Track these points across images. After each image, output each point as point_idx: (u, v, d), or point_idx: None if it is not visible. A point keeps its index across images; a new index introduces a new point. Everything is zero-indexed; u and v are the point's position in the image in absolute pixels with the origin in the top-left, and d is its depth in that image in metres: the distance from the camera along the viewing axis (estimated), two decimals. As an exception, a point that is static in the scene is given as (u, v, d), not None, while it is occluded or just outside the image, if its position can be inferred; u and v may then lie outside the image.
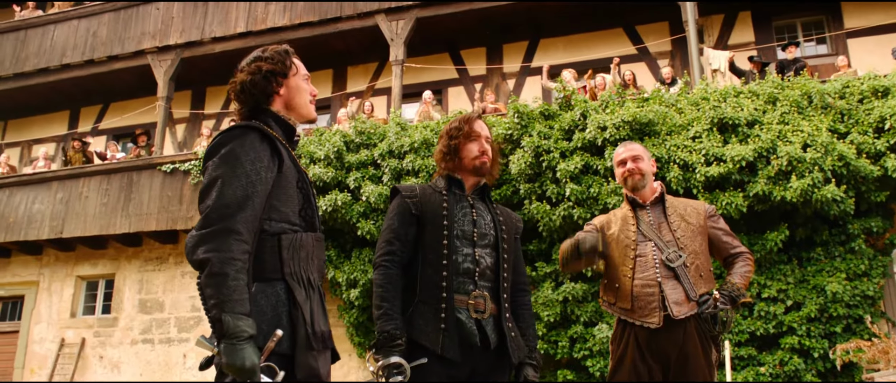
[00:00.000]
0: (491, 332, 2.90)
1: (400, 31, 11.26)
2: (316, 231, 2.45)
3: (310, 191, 2.46)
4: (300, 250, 2.32)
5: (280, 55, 2.52)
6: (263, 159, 2.25)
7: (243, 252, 2.12)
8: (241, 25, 12.39)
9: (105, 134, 14.83)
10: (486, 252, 2.99)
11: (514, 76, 11.92)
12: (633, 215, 3.75)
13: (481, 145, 3.08)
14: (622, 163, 3.81)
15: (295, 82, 2.54)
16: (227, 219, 2.12)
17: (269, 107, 2.46)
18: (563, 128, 8.88)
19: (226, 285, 2.05)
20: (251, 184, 2.19)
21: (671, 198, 3.86)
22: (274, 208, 2.29)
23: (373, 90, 12.74)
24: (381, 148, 9.71)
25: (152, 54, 13.03)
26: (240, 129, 2.28)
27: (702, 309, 3.51)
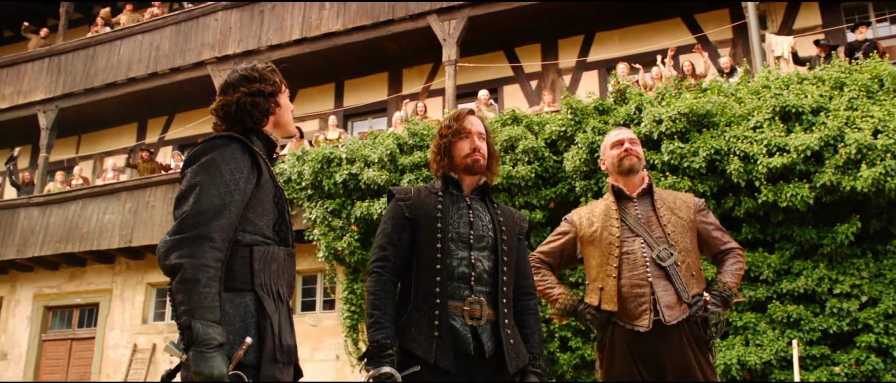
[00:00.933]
0: (487, 340, 2.74)
1: (452, 31, 11.17)
2: (288, 246, 2.42)
3: (285, 207, 2.46)
4: (272, 263, 2.30)
5: (272, 74, 2.51)
6: (243, 170, 2.26)
7: (216, 260, 2.12)
8: (296, 32, 12.51)
9: (171, 144, 15.19)
10: (484, 255, 2.83)
11: (570, 71, 11.69)
12: (617, 208, 3.46)
13: (473, 142, 2.92)
14: (619, 144, 3.51)
15: (284, 100, 2.54)
16: (201, 225, 2.12)
17: (261, 127, 2.46)
18: (617, 122, 8.63)
19: (197, 291, 2.05)
20: (229, 194, 2.19)
21: (659, 191, 3.57)
22: (249, 220, 2.29)
23: (428, 91, 12.69)
24: (433, 148, 9.60)
25: (212, 64, 13.27)
26: (222, 139, 2.28)
27: (693, 313, 3.23)
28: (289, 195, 10.98)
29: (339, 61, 13.00)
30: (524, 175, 8.82)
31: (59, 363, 14.26)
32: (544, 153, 9.07)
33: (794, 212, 7.89)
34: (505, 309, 2.81)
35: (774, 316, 7.81)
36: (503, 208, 3.03)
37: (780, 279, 7.98)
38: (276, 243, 2.36)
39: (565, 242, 3.57)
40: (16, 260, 14.05)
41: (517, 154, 8.99)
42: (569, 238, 3.56)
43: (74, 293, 14.39)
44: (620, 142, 3.51)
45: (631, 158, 3.46)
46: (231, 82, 2.46)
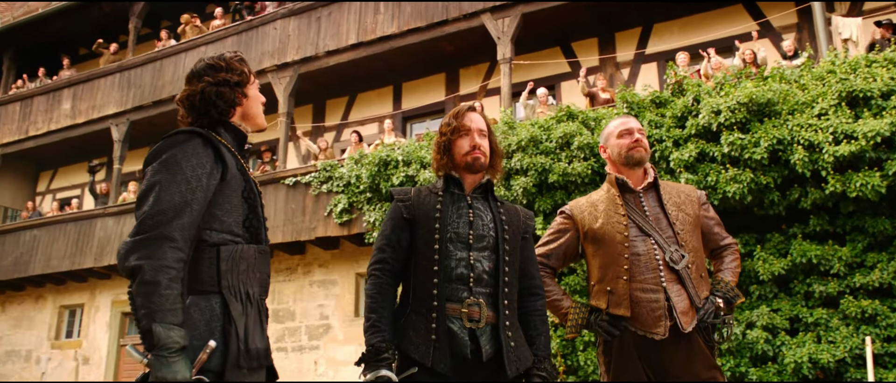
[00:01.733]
0: (486, 343, 2.65)
1: (506, 29, 11.07)
2: (261, 243, 2.33)
3: (257, 201, 2.35)
4: (241, 262, 2.21)
5: (240, 64, 2.42)
6: (206, 165, 2.16)
7: (178, 260, 2.03)
8: (352, 37, 12.60)
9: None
10: (484, 255, 2.74)
11: (629, 64, 11.44)
12: (623, 202, 3.22)
13: (473, 139, 2.82)
14: (628, 133, 3.25)
15: (253, 92, 2.45)
16: (162, 225, 2.03)
17: (228, 120, 2.38)
18: (675, 115, 8.40)
19: (157, 294, 1.96)
20: (191, 191, 2.10)
21: (663, 183, 3.34)
22: (215, 217, 2.21)
23: (485, 90, 12.62)
24: (488, 148, 9.54)
25: (272, 72, 13.49)
26: (184, 135, 2.20)
27: (702, 318, 3.03)
28: (349, 199, 11.08)
29: (396, 64, 13.05)
30: (581, 172, 8.66)
31: (136, 367, 14.72)
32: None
33: (866, 202, 7.53)
34: (506, 310, 2.71)
35: (848, 311, 7.46)
36: (508, 206, 2.93)
37: (853, 273, 7.62)
38: (247, 240, 2.27)
39: (567, 240, 3.33)
40: (94, 268, 14.58)
41: (573, 150, 8.84)
42: (570, 235, 3.33)
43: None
44: (629, 131, 3.26)
45: (639, 150, 3.23)
46: (196, 72, 2.38)
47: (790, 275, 7.86)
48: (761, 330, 7.63)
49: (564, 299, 3.27)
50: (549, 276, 3.31)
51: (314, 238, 11.78)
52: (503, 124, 9.81)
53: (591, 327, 3.16)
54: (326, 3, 13.09)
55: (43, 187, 18.86)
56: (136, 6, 16.26)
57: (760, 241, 8.13)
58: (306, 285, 12.66)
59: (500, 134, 9.57)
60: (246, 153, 2.47)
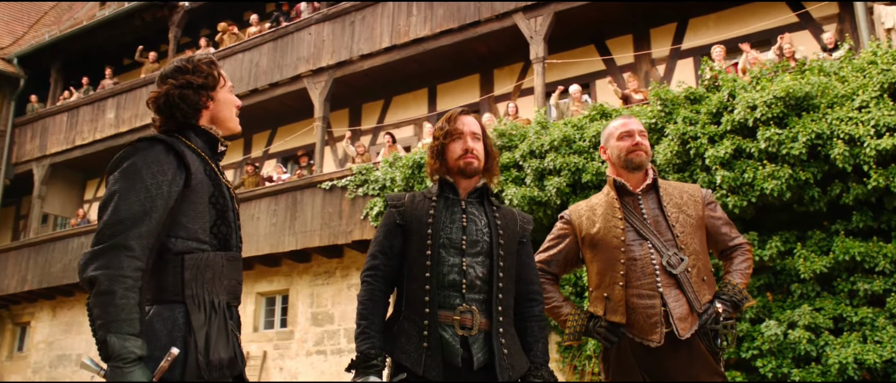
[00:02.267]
0: (478, 351, 2.61)
1: (538, 28, 10.97)
2: (231, 249, 2.30)
3: (228, 205, 2.32)
4: (206, 271, 2.18)
5: (208, 66, 2.39)
6: (167, 172, 2.14)
7: (135, 269, 2.01)
8: (385, 40, 12.63)
9: (274, 157, 15.67)
10: (478, 261, 2.69)
11: (664, 60, 11.25)
12: (621, 206, 3.12)
13: (465, 143, 2.79)
14: (628, 135, 3.14)
15: (223, 95, 2.42)
16: (119, 235, 2.01)
17: (196, 123, 2.35)
18: (710, 111, 8.22)
19: (113, 304, 1.94)
20: (150, 199, 2.08)
21: (664, 184, 3.22)
22: (181, 225, 2.18)
23: (519, 90, 12.53)
24: (521, 149, 9.48)
25: (307, 77, 13.59)
26: (145, 142, 2.19)
27: (703, 324, 2.93)
28: (384, 201, 11.09)
29: (430, 66, 13.04)
30: (614, 170, 8.52)
31: (180, 371, 14.93)
32: (635, 147, 8.74)
33: (910, 197, 7.28)
34: (500, 317, 2.66)
35: (895, 310, 7.22)
36: (504, 210, 2.88)
37: (899, 270, 7.37)
38: (214, 247, 2.25)
39: (566, 246, 3.25)
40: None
41: (606, 149, 8.70)
42: (569, 240, 3.25)
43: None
44: (629, 134, 3.15)
45: (640, 154, 3.12)
46: (163, 74, 2.37)
47: (833, 272, 7.63)
48: (803, 329, 7.42)
49: (565, 305, 3.20)
50: (551, 283, 3.24)
51: (351, 241, 11.82)
52: (536, 124, 9.73)
53: (590, 333, 3.08)
54: (360, 8, 13.15)
55: (90, 195, 19.28)
56: (176, 16, 16.54)
57: (801, 239, 7.91)
58: (344, 288, 12.71)
59: (533, 134, 9.49)
60: (219, 157, 2.44)
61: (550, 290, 3.21)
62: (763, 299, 7.96)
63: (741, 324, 7.87)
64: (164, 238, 2.16)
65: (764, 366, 7.71)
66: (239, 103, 2.51)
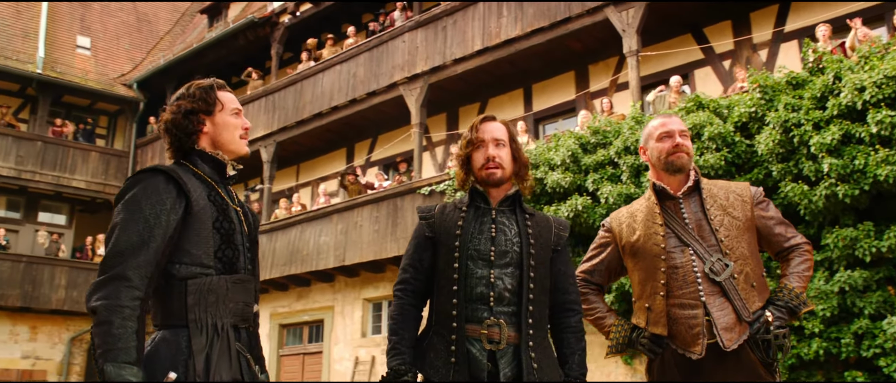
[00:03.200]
0: (505, 365, 2.53)
1: (631, 21, 10.68)
2: (238, 272, 2.33)
3: (234, 228, 2.35)
4: (209, 295, 2.22)
5: (202, 92, 2.43)
6: (166, 202, 2.21)
7: (133, 298, 2.07)
8: (477, 43, 12.62)
9: (376, 165, 15.93)
10: (507, 272, 2.61)
11: (766, 45, 10.72)
12: (661, 211, 2.91)
13: (487, 152, 2.71)
14: (668, 136, 2.94)
15: (221, 119, 2.45)
16: (118, 266, 2.09)
17: (195, 147, 2.40)
18: (814, 95, 7.76)
19: (110, 334, 2.01)
20: (148, 229, 2.15)
21: (708, 184, 2.99)
22: (184, 251, 2.23)
23: (616, 85, 12.24)
24: (616, 145, 9.25)
25: (403, 84, 13.75)
26: (146, 173, 2.26)
27: (753, 333, 2.72)
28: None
29: (524, 65, 12.93)
30: (713, 163, 8.19)
31: (295, 376, 15.43)
32: (734, 138, 8.38)
33: None
34: (530, 330, 2.58)
35: None
36: (539, 217, 2.78)
37: None
38: (219, 271, 2.28)
39: (608, 255, 3.11)
40: (252, 283, 15.39)
41: (704, 141, 8.38)
42: (611, 249, 3.10)
43: (302, 311, 15.52)
44: (669, 134, 2.95)
45: (681, 156, 2.92)
46: (171, 100, 2.46)
47: (960, 262, 7.07)
48: (927, 325, 6.90)
49: (609, 316, 3.06)
50: (594, 293, 3.11)
51: (451, 245, 11.83)
52: (631, 119, 9.48)
53: (633, 345, 2.93)
54: (451, 12, 13.19)
55: (207, 209, 20.14)
56: (277, 32, 17.11)
57: (922, 227, 7.35)
58: (447, 292, 12.75)
59: (627, 129, 9.25)
60: (228, 181, 2.48)
61: (594, 301, 3.09)
62: (884, 294, 7.45)
63: (859, 321, 7.39)
64: (169, 264, 2.23)
65: (888, 366, 7.23)
66: (247, 125, 2.53)
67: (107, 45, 21.77)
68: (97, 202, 19.74)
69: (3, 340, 17.68)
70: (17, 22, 20.24)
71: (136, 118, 20.32)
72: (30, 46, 19.65)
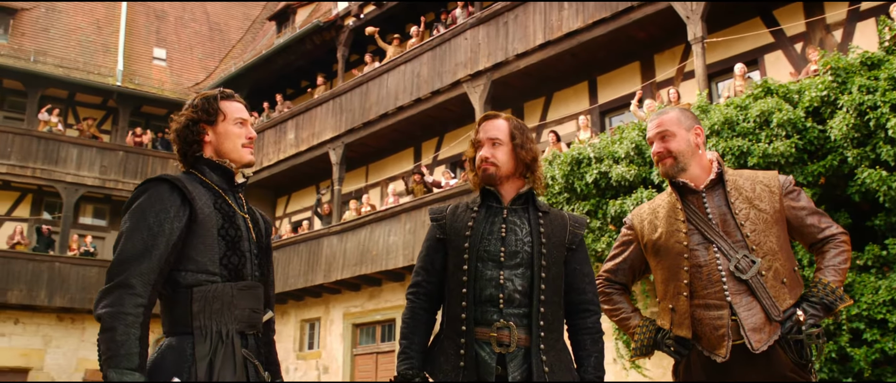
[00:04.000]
0: (515, 369, 2.45)
1: (695, 7, 10.38)
2: (244, 279, 2.35)
3: (240, 235, 2.39)
4: (214, 302, 2.26)
5: (205, 102, 2.48)
6: (169, 211, 2.26)
7: (136, 305, 2.13)
8: (539, 37, 12.48)
9: (443, 163, 15.96)
10: (517, 273, 2.54)
11: (841, 25, 10.26)
12: (682, 207, 2.76)
13: (483, 151, 2.66)
14: (651, 143, 2.86)
15: (223, 129, 2.49)
16: (122, 274, 2.16)
17: (202, 155, 2.46)
18: (891, 76, 7.38)
19: (113, 341, 2.07)
20: (152, 237, 2.21)
21: (732, 174, 2.82)
22: (190, 258, 2.28)
23: (683, 74, 11.93)
24: (681, 136, 9.00)
25: (466, 82, 13.73)
26: (152, 182, 2.31)
27: (785, 333, 2.55)
28: (548, 200, 10.95)
29: (588, 58, 12.73)
30: (783, 151, 7.88)
31: (368, 375, 15.61)
32: (805, 123, 8.04)
33: None
34: (542, 332, 2.50)
35: None
36: (553, 215, 2.69)
37: None
38: (225, 278, 2.32)
39: (631, 253, 2.97)
40: (324, 284, 15.68)
41: (773, 128, 8.07)
42: (633, 247, 2.97)
43: (374, 310, 15.69)
44: (651, 141, 2.85)
45: (664, 163, 2.81)
46: None
47: None
48: None
49: (633, 317, 2.93)
50: (619, 293, 3.00)
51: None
52: (696, 108, 9.21)
53: (659, 346, 2.81)
54: (512, 7, 13.09)
55: (280, 212, 20.61)
56: (342, 36, 17.32)
57: None
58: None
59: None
60: (237, 188, 2.52)
61: (618, 301, 2.98)
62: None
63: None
64: (175, 272, 2.28)
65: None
66: (251, 135, 2.56)
67: (181, 56, 22.47)
68: (177, 208, 20.36)
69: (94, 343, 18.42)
70: (98, 38, 21.09)
71: (210, 125, 20.85)
72: (110, 60, 20.45)
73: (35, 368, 17.72)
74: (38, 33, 20.23)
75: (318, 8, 20.14)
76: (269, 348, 2.55)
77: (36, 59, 19.16)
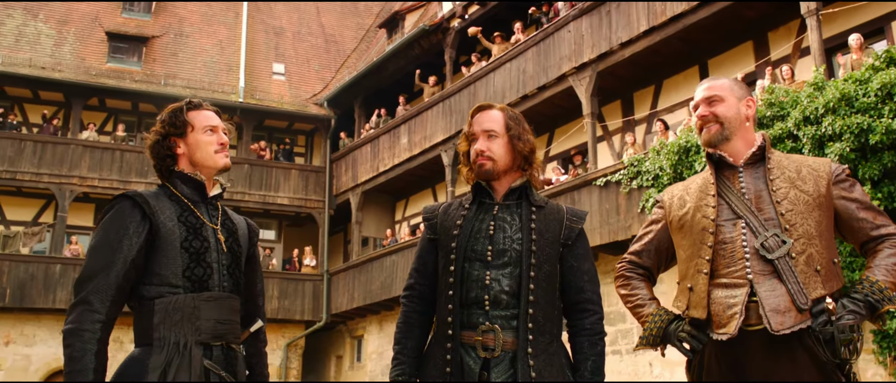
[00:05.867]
0: (500, 375, 2.30)
1: (807, -22, 9.75)
2: (209, 290, 2.37)
3: (205, 247, 2.40)
4: (174, 313, 2.30)
5: (172, 116, 2.52)
6: (129, 227, 2.34)
7: (93, 322, 2.23)
8: (643, 24, 12.08)
9: (554, 159, 15.74)
10: (505, 273, 2.38)
11: (976, -16, 9.36)
12: (715, 182, 2.53)
13: (478, 145, 2.51)
14: (696, 107, 2.62)
15: (193, 139, 2.51)
16: (81, 292, 2.26)
17: (176, 168, 2.51)
18: None
19: (71, 357, 2.18)
20: (111, 253, 2.29)
21: (778, 155, 2.54)
22: (153, 272, 2.34)
23: (799, 50, 11.22)
24: (794, 116, 8.47)
25: (572, 75, 13.48)
26: (116, 200, 2.39)
27: (815, 327, 2.24)
28: (659, 191, 10.59)
29: (697, 41, 12.20)
30: (909, 126, 7.27)
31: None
32: (933, 95, 7.39)
33: None
34: (531, 335, 2.33)
35: None
36: (549, 209, 2.52)
37: None
38: (188, 290, 2.36)
39: (659, 233, 2.70)
40: (441, 285, 15.78)
41: (896, 103, 7.46)
42: (661, 226, 2.70)
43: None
44: (696, 105, 2.62)
45: (709, 130, 2.56)
46: None
47: None
48: None
49: (648, 305, 2.64)
50: (640, 278, 2.71)
51: (631, 236, 11.43)
52: (809, 85, 8.64)
53: (670, 339, 2.53)
54: (614, -5, 12.76)
55: (399, 216, 20.96)
56: (449, 37, 17.42)
57: None
58: (631, 285, 12.33)
59: (805, 97, 8.44)
60: (208, 199, 2.55)
61: (637, 286, 2.69)
62: None
63: None
64: (141, 286, 2.36)
65: None
66: (223, 141, 2.58)
67: (299, 69, 23.26)
68: (301, 216, 21.16)
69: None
70: (221, 58, 22.17)
71: (328, 134, 21.51)
72: (232, 78, 21.44)
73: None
74: (167, 58, 21.47)
75: (427, 11, 20.33)
76: (256, 359, 2.59)
77: (166, 83, 20.35)
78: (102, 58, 20.63)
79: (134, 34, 21.34)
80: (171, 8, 23.16)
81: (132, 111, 21.17)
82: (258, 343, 2.67)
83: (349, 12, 26.65)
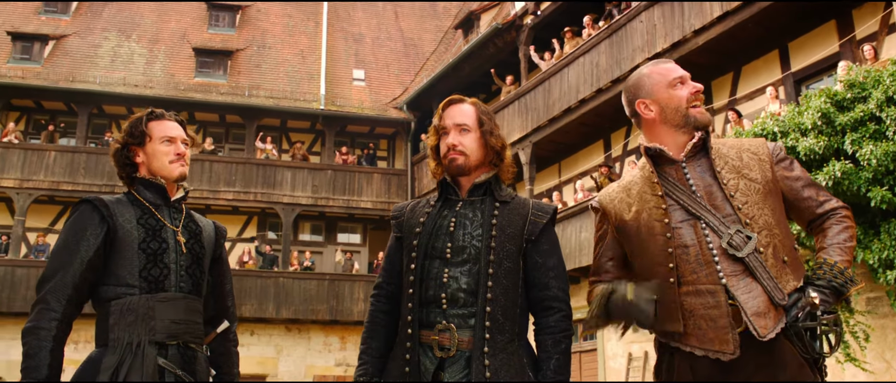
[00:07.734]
0: (454, 375, 2.24)
1: (889, -50, 9.21)
2: (166, 290, 2.44)
3: (163, 248, 2.48)
4: (128, 314, 2.37)
5: (132, 126, 2.63)
6: (87, 230, 2.43)
7: (50, 320, 2.32)
8: (716, 10, 11.67)
9: (633, 153, 15.39)
10: (463, 270, 2.33)
11: None
12: (659, 180, 2.33)
13: (449, 139, 2.44)
14: (681, 82, 2.38)
15: (151, 148, 2.62)
16: (40, 292, 2.36)
17: (137, 175, 2.62)
18: None
19: (27, 354, 2.27)
20: (68, 255, 2.39)
21: (716, 143, 2.33)
22: (111, 273, 2.43)
23: (888, 26, 10.60)
24: (876, 97, 7.99)
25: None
26: (78, 204, 2.50)
27: (792, 320, 2.08)
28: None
29: (775, 23, 11.68)
30: None
31: (571, 374, 15.39)
32: None
33: None
34: (488, 334, 2.26)
35: None
36: (515, 204, 2.44)
37: None
38: (143, 290, 2.42)
39: (609, 244, 2.48)
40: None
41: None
42: (610, 237, 2.48)
43: (574, 309, 15.39)
44: (682, 80, 2.39)
45: (703, 110, 2.38)
46: None
47: None
48: None
49: (598, 287, 2.40)
50: None
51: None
52: (893, 64, 8.14)
53: (610, 315, 2.30)
54: (685, -19, 12.37)
55: (479, 215, 20.92)
56: (522, 35, 17.30)
57: None
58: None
59: (888, 77, 7.95)
60: (171, 203, 2.63)
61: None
62: None
63: None
64: (100, 286, 2.46)
65: None
66: (179, 151, 2.65)
67: (378, 74, 23.58)
68: (384, 219, 21.42)
69: (319, 350, 19.84)
70: (303, 67, 22.71)
71: (409, 137, 21.73)
72: (314, 86, 21.93)
73: (270, 375, 19.36)
74: (251, 70, 22.16)
75: (501, 10, 20.24)
76: (224, 359, 2.63)
77: (250, 94, 21.00)
78: (190, 73, 21.49)
79: (219, 48, 22.13)
80: (254, 21, 23.90)
81: (219, 123, 21.97)
82: (227, 343, 2.73)
83: (427, 15, 26.84)
